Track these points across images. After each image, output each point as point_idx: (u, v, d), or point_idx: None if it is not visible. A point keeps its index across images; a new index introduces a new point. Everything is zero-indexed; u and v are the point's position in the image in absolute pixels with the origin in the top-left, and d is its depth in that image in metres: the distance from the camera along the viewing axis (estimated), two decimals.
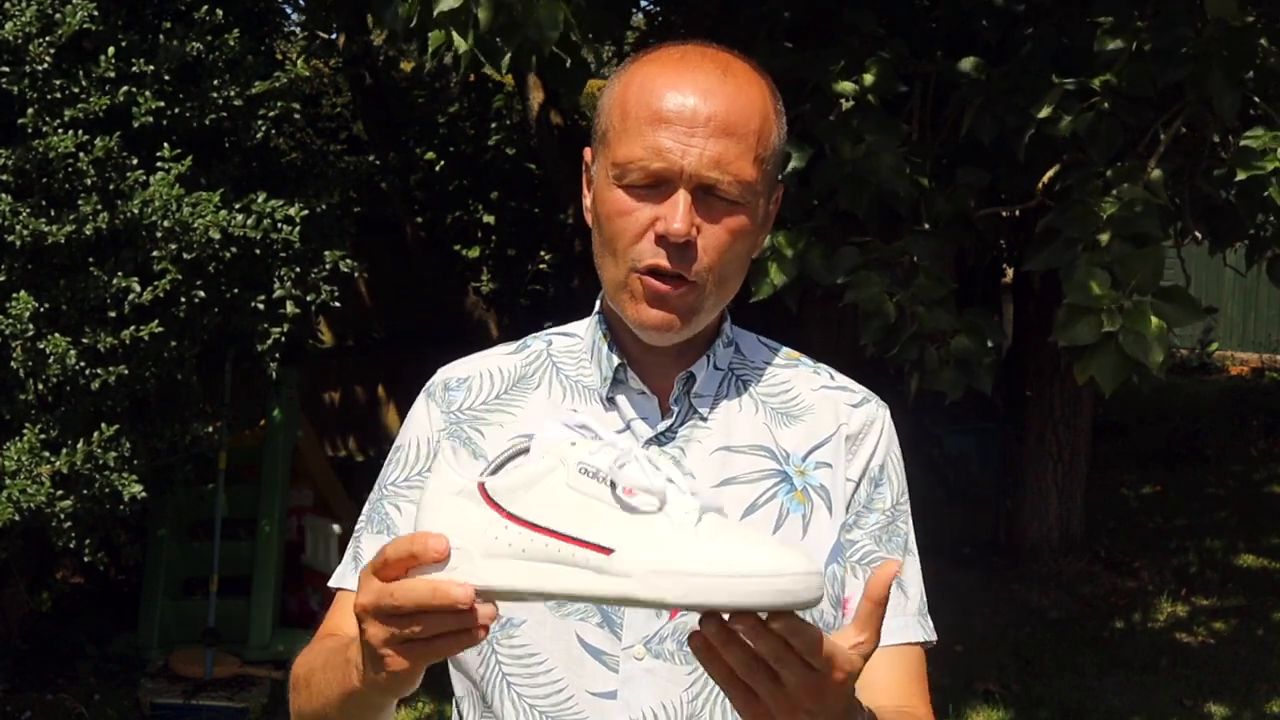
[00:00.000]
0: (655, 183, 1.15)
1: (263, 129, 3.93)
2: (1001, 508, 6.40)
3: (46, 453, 3.47)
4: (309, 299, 4.04)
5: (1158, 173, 3.36)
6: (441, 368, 1.33)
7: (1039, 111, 3.41)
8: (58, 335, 3.43)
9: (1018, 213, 4.52)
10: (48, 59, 3.44)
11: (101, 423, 3.54)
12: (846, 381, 1.32)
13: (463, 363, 1.32)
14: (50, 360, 3.41)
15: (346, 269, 4.10)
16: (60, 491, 3.45)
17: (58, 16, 3.47)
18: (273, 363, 4.02)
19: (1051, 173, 3.76)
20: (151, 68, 3.65)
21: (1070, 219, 3.27)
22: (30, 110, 3.46)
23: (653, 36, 5.67)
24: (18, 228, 3.39)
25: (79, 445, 3.49)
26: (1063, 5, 3.89)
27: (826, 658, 0.90)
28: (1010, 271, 7.01)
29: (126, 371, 3.55)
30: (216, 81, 3.77)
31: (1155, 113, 3.51)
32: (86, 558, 3.68)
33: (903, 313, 3.37)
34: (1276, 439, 8.74)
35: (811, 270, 3.43)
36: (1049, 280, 5.22)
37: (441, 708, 4.20)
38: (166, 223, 3.55)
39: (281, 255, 3.91)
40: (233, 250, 3.71)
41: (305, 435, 4.95)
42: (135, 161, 3.61)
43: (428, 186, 7.12)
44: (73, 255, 3.55)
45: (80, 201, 3.49)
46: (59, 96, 3.49)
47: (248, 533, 4.73)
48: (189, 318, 3.77)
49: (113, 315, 3.59)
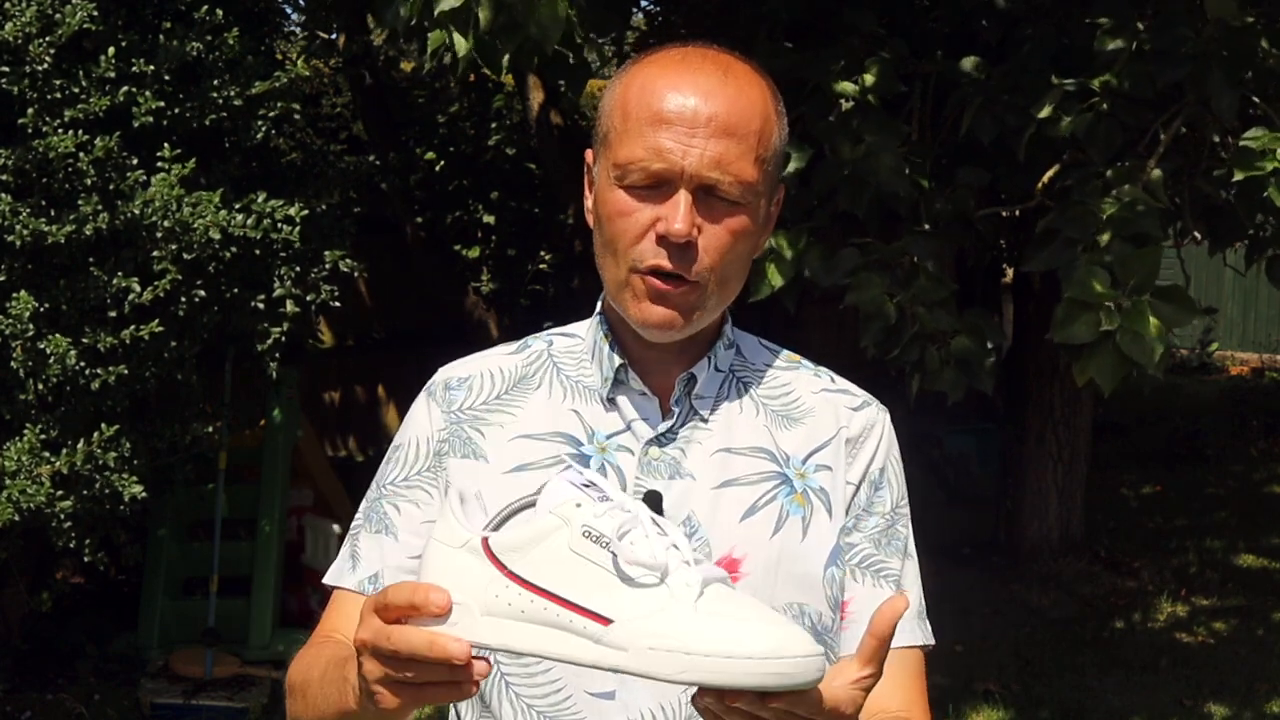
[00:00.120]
0: (656, 183, 1.16)
1: (263, 129, 3.93)
2: (1001, 508, 6.40)
3: (46, 453, 3.47)
4: (309, 299, 4.04)
5: (1157, 173, 3.35)
6: (442, 367, 1.33)
7: (1039, 111, 3.40)
8: (58, 335, 3.43)
9: (1018, 213, 4.52)
10: (48, 59, 3.44)
11: (101, 423, 3.54)
12: (847, 385, 1.33)
13: (463, 362, 1.32)
14: (50, 360, 3.41)
15: (346, 269, 4.10)
16: (60, 492, 3.45)
17: (58, 17, 3.47)
18: (273, 363, 4.02)
19: (1051, 173, 3.76)
20: (151, 68, 3.65)
21: (1070, 219, 3.26)
22: (30, 110, 3.46)
23: (653, 37, 5.67)
24: (18, 228, 3.39)
25: (79, 445, 3.49)
26: (1063, 5, 3.88)
27: (830, 710, 0.91)
28: (1010, 272, 7.01)
29: (126, 371, 3.55)
30: (216, 81, 3.77)
31: (1155, 113, 3.51)
32: (86, 558, 3.68)
33: (903, 314, 3.37)
34: (1276, 439, 8.74)
35: (811, 271, 3.42)
36: (1049, 280, 5.22)
37: (441, 707, 4.20)
38: (166, 223, 3.55)
39: (281, 255, 3.91)
40: (233, 250, 3.71)
41: (305, 435, 4.94)
42: (135, 162, 3.61)
43: (428, 186, 7.11)
44: (73, 255, 3.54)
45: (80, 201, 3.48)
46: (59, 96, 3.49)
47: (248, 533, 4.73)
48: (189, 317, 3.77)
49: (113, 315, 3.59)
